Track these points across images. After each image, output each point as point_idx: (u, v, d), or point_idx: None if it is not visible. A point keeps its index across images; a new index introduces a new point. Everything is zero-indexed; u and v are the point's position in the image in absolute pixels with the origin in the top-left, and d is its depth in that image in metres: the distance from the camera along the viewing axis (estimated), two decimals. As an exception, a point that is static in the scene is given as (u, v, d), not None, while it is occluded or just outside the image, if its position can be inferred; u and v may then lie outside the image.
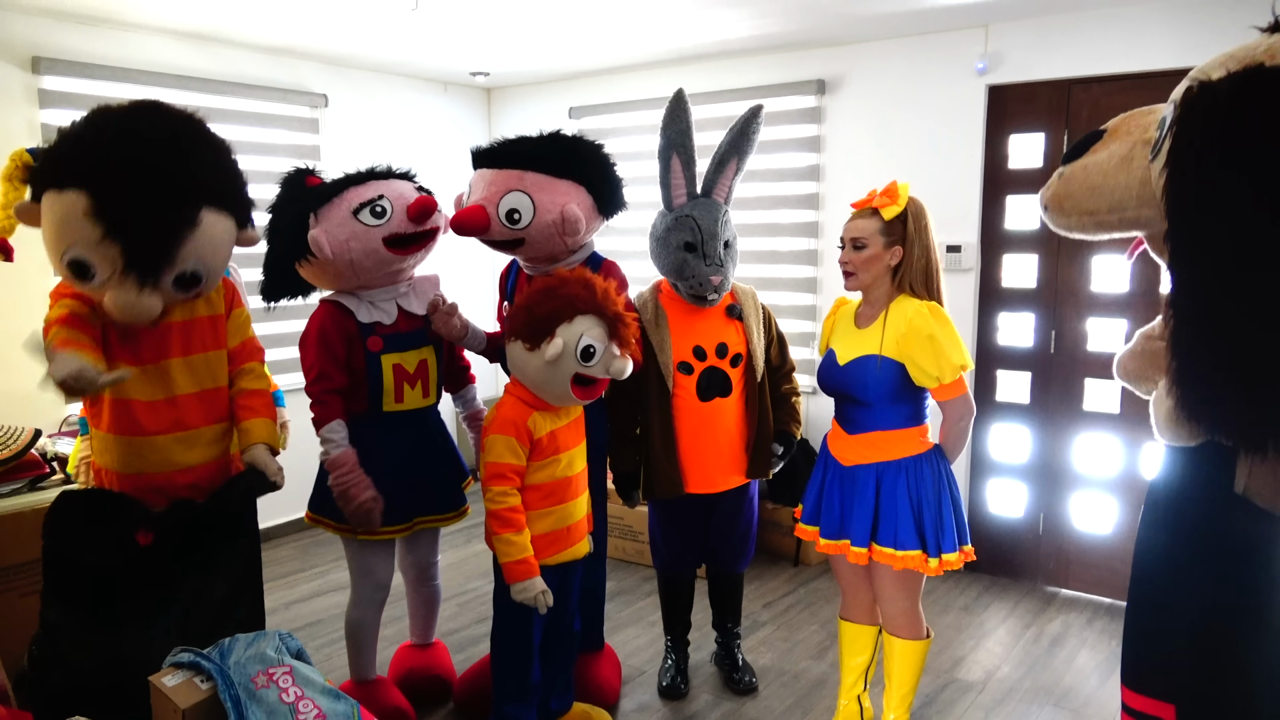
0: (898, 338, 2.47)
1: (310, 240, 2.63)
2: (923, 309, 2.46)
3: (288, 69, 4.63)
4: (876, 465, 2.53)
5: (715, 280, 2.84)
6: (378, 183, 2.75)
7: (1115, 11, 3.69)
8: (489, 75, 5.24)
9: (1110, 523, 3.99)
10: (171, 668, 2.04)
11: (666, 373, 2.92)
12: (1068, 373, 4.03)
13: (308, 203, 2.68)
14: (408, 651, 3.24)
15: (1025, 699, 3.20)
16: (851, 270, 2.54)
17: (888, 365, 2.48)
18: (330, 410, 2.69)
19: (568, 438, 2.56)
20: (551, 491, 2.52)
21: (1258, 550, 1.83)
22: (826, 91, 4.44)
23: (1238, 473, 1.84)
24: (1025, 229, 4.07)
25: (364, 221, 2.66)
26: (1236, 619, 1.85)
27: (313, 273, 2.74)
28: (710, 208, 2.89)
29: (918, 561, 2.48)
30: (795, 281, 4.64)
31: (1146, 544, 2.10)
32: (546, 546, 2.54)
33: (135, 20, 3.86)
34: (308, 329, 2.75)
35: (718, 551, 3.15)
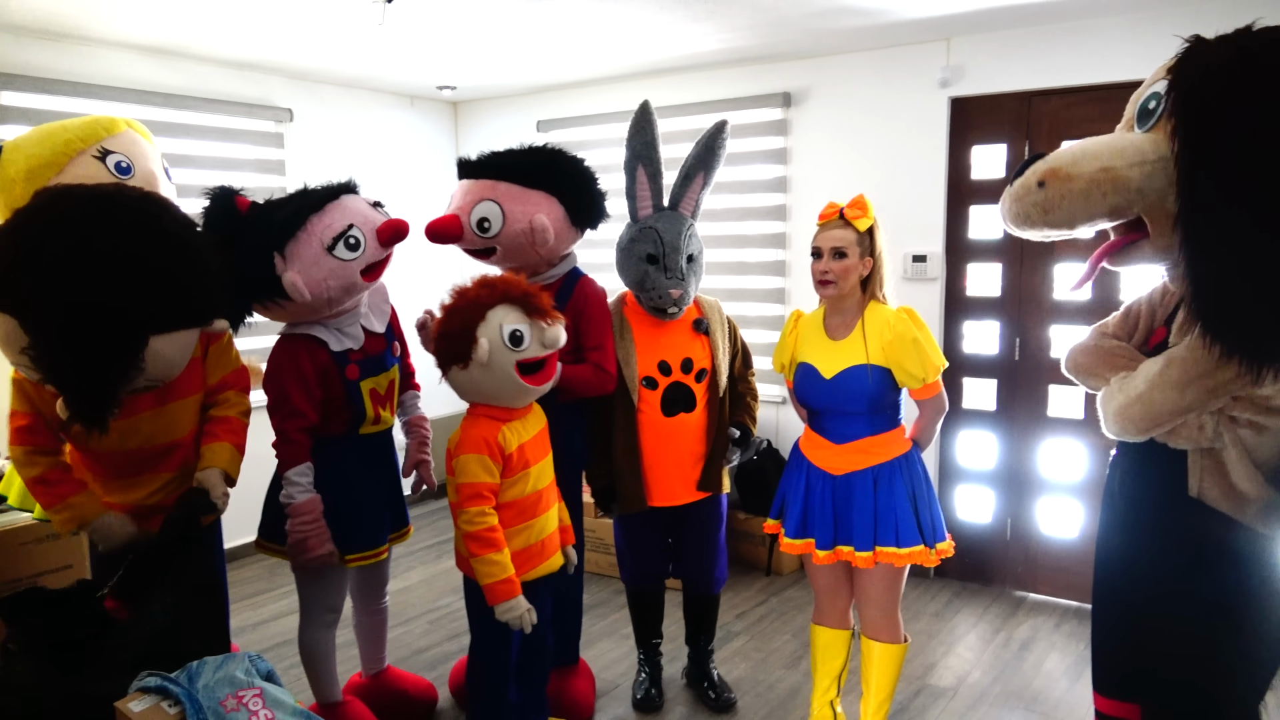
0: (883, 344, 2.52)
1: (287, 285, 2.47)
2: (903, 314, 2.55)
3: (252, 83, 4.59)
4: (873, 469, 2.56)
5: (675, 294, 2.83)
6: (335, 207, 2.59)
7: (1075, 25, 3.77)
8: (456, 89, 5.23)
9: (1076, 527, 4.04)
10: (138, 693, 2.01)
11: (631, 386, 2.90)
12: (1032, 379, 4.08)
13: (269, 240, 2.50)
14: (363, 687, 3.09)
15: (997, 703, 3.23)
16: (832, 279, 2.55)
17: (876, 373, 2.52)
18: (300, 451, 2.60)
19: (535, 451, 2.53)
20: (523, 509, 2.49)
21: (1214, 549, 1.86)
22: (792, 104, 4.49)
23: (1189, 476, 1.88)
24: (989, 238, 4.13)
25: (340, 256, 2.54)
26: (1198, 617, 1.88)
27: (274, 314, 2.62)
28: (675, 220, 2.89)
29: (922, 555, 2.54)
30: (763, 292, 4.67)
31: (1106, 548, 2.14)
32: (522, 564, 2.50)
33: (98, 35, 3.81)
34: (278, 364, 2.62)
35: (689, 569, 3.12)
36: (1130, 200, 1.80)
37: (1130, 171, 1.77)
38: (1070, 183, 1.82)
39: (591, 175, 2.92)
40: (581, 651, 3.40)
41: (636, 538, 3.09)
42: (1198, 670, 1.90)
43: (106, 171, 2.52)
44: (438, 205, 5.49)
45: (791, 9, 3.56)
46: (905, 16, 3.68)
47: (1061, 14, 3.67)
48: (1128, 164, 1.78)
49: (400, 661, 3.49)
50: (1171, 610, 1.91)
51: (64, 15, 3.49)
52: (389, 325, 2.87)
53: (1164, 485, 1.92)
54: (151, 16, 3.54)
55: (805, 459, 2.68)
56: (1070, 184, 1.82)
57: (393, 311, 2.92)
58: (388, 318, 2.87)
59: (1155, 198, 1.79)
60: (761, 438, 4.57)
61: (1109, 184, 1.79)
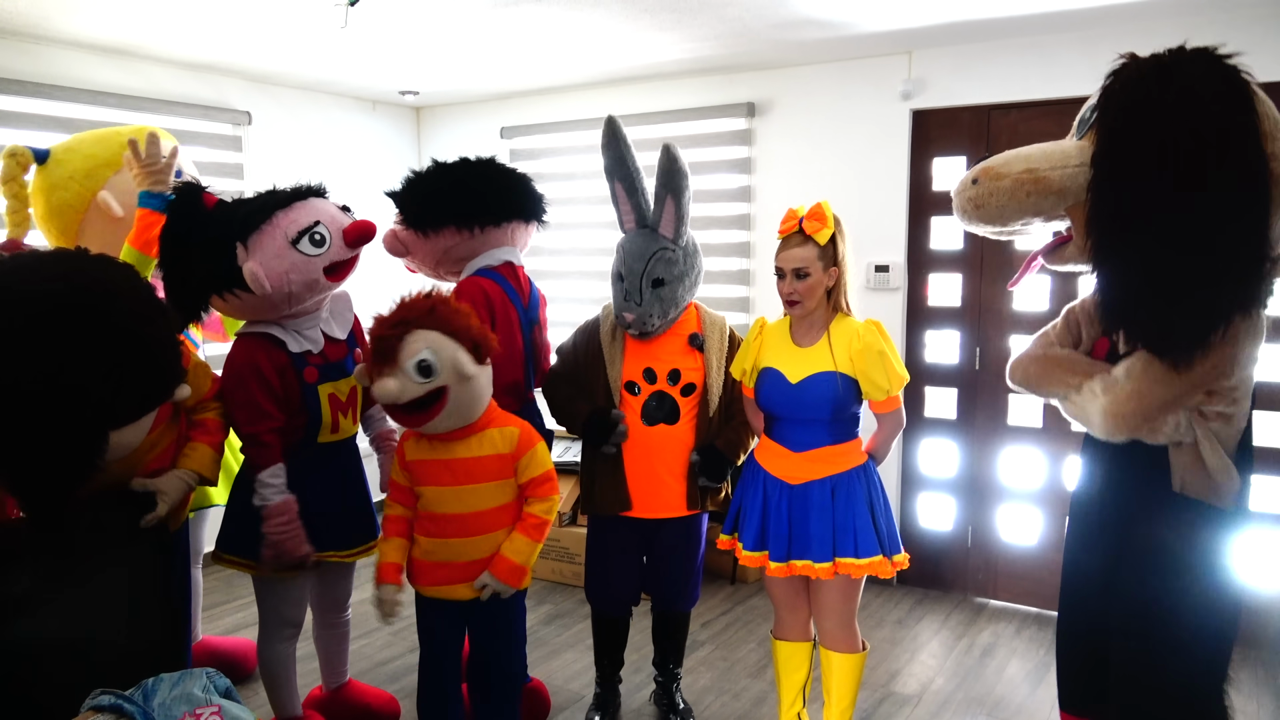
0: (850, 354, 2.52)
1: (247, 275, 2.43)
2: (871, 326, 2.55)
3: (210, 85, 4.51)
4: (831, 479, 2.56)
5: (628, 317, 2.77)
6: (303, 205, 2.58)
7: (1031, 41, 3.83)
8: (419, 94, 5.19)
9: (1035, 534, 4.10)
10: (91, 711, 1.94)
11: (615, 388, 2.84)
12: (992, 389, 4.14)
13: (231, 230, 2.47)
14: (324, 701, 3.03)
15: (960, 710, 3.25)
16: (797, 299, 2.54)
17: (844, 381, 2.53)
18: (273, 453, 2.55)
19: (431, 473, 2.45)
20: (423, 523, 2.50)
21: (1198, 548, 1.91)
22: (757, 114, 4.51)
23: (1172, 473, 1.93)
24: (950, 249, 4.19)
25: (304, 251, 2.51)
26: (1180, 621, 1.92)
27: (233, 307, 2.57)
28: (645, 241, 2.79)
29: (881, 566, 2.54)
30: (728, 301, 4.69)
31: (1077, 560, 2.16)
32: (419, 574, 2.54)
33: (52, 34, 3.71)
34: (234, 365, 2.55)
35: (659, 587, 3.01)
36: (1052, 202, 1.98)
37: (1052, 174, 1.96)
38: (998, 180, 2.01)
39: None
40: (545, 662, 3.38)
41: (609, 551, 2.95)
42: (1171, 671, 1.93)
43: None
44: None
45: (756, 20, 3.58)
46: (867, 29, 3.72)
47: (1019, 30, 3.73)
48: (1050, 166, 1.96)
49: (361, 675, 3.43)
50: (1149, 611, 1.95)
51: (15, 12, 3.40)
52: (351, 333, 2.82)
53: (1146, 486, 1.97)
54: (107, 16, 3.46)
55: (761, 469, 2.65)
56: (999, 182, 2.01)
57: (356, 320, 2.86)
58: (350, 326, 2.82)
59: (1074, 200, 1.96)
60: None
61: (1031, 184, 1.97)
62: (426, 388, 2.31)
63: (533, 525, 2.49)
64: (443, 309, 2.37)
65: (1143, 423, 1.89)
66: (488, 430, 2.47)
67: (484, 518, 2.48)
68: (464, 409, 2.40)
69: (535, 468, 2.50)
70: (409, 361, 2.29)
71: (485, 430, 2.47)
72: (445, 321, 2.34)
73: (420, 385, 2.31)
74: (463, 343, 2.34)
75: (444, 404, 2.34)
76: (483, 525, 2.48)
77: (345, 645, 3.07)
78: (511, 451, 2.48)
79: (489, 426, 2.47)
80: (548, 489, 2.52)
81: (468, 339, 2.36)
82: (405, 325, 2.32)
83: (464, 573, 2.49)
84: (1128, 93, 1.84)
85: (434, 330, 2.32)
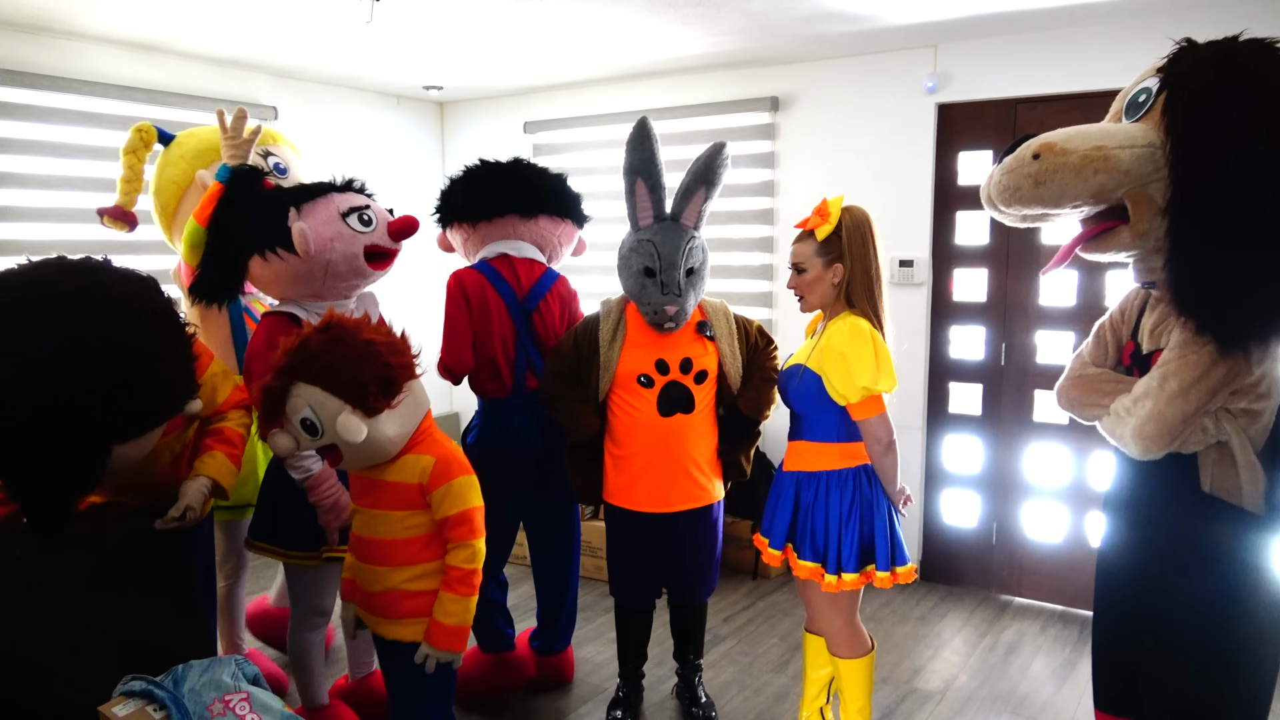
0: (819, 350, 2.49)
1: (295, 232, 2.51)
2: (844, 325, 2.45)
3: (236, 80, 4.54)
4: (797, 474, 2.57)
5: (670, 310, 2.76)
6: (356, 195, 2.70)
7: (1058, 34, 3.80)
8: (442, 89, 5.20)
9: (1061, 532, 4.07)
10: (122, 696, 1.97)
11: (603, 390, 2.86)
12: (1018, 385, 4.11)
13: (289, 196, 2.60)
14: (349, 691, 3.05)
15: (984, 707, 3.23)
16: (800, 294, 2.57)
17: (809, 376, 2.50)
18: None
19: (362, 489, 2.25)
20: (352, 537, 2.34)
21: (1230, 549, 1.89)
22: (780, 108, 4.49)
23: (1200, 474, 1.91)
24: (975, 244, 4.16)
25: (352, 226, 2.60)
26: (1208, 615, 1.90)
27: (272, 271, 2.59)
28: (674, 234, 2.80)
29: (815, 573, 2.49)
30: (750, 296, 4.68)
31: (1111, 559, 2.14)
32: (344, 589, 2.43)
33: (80, 29, 3.76)
34: (259, 345, 2.62)
35: (676, 578, 3.01)
36: (1119, 181, 1.88)
37: (1121, 153, 1.86)
38: (1065, 156, 1.89)
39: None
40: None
41: (627, 547, 2.97)
42: (1205, 673, 1.91)
43: (265, 167, 3.01)
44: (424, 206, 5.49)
45: (780, 14, 3.57)
46: (892, 23, 3.70)
47: (1046, 22, 3.70)
48: (1118, 145, 1.86)
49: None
50: (1181, 611, 1.93)
51: (45, 8, 3.44)
52: None
53: (1176, 487, 1.94)
54: (136, 12, 3.49)
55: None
56: (1065, 158, 1.89)
57: (381, 319, 2.90)
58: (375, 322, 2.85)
59: (1141, 181, 1.88)
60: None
61: (1101, 161, 1.87)
62: (318, 444, 2.10)
63: (455, 579, 2.17)
64: (330, 356, 2.05)
65: (1170, 440, 1.87)
66: (405, 456, 2.18)
67: (392, 548, 2.20)
68: (367, 457, 2.14)
69: (449, 505, 2.16)
70: (294, 418, 2.08)
71: (403, 455, 2.18)
72: (331, 373, 2.04)
73: (312, 442, 2.10)
74: (351, 398, 2.04)
75: (341, 457, 2.12)
76: (390, 556, 2.20)
77: (371, 636, 3.09)
78: (422, 483, 2.17)
79: (408, 452, 2.19)
80: (463, 533, 2.17)
81: (357, 392, 2.04)
82: (290, 375, 2.06)
83: (375, 604, 2.26)
84: (1197, 76, 1.80)
85: (317, 386, 2.04)
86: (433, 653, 2.17)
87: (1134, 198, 1.90)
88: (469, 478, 2.20)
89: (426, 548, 2.21)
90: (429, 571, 2.21)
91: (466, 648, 2.28)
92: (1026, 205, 1.98)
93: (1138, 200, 1.89)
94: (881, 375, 2.40)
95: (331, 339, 2.08)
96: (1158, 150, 1.85)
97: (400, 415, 2.14)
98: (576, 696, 3.29)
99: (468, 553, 2.17)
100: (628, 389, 2.85)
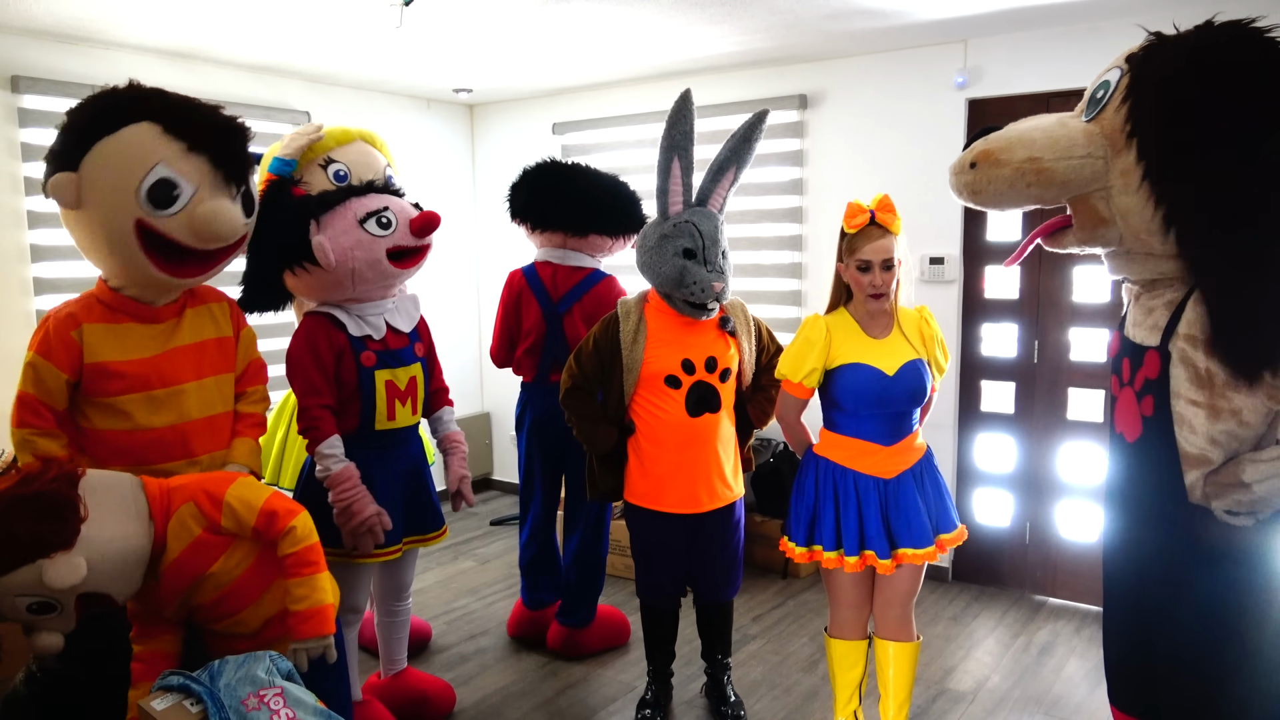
0: (923, 339, 2.59)
1: (315, 246, 2.58)
2: (925, 311, 2.65)
3: (270, 87, 4.62)
4: (914, 468, 2.59)
5: (717, 287, 2.74)
6: (377, 195, 2.74)
7: (1091, 26, 3.74)
8: (472, 92, 5.24)
9: (1096, 531, 4.01)
10: (160, 691, 2.01)
11: (628, 392, 2.85)
12: (1051, 382, 4.06)
13: (308, 208, 2.64)
14: (382, 688, 3.09)
15: (1016, 708, 3.20)
16: (885, 292, 2.50)
17: (926, 371, 2.59)
18: (327, 426, 2.66)
19: (181, 572, 2.11)
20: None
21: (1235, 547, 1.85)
22: (809, 106, 4.48)
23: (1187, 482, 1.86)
24: (1007, 240, 4.11)
25: (370, 231, 2.64)
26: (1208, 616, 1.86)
27: (303, 283, 2.68)
28: (708, 216, 2.82)
29: (958, 537, 2.64)
30: (780, 295, 4.66)
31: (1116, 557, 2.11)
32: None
33: (116, 39, 3.84)
34: (296, 344, 2.71)
35: (703, 578, 3.00)
36: (1055, 193, 1.86)
37: (1057, 165, 1.83)
38: (998, 168, 1.88)
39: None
40: (579, 662, 3.52)
41: (652, 547, 2.96)
42: (1215, 674, 1.87)
43: (327, 179, 3.08)
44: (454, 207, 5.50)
45: (807, 11, 3.55)
46: (922, 18, 3.67)
47: (1078, 15, 3.65)
48: (1056, 157, 1.82)
49: (417, 663, 3.49)
50: (1188, 611, 1.89)
51: (84, 19, 3.52)
52: (415, 330, 2.90)
53: (1176, 483, 1.90)
54: (170, 20, 3.56)
55: (839, 466, 2.57)
56: (998, 169, 1.88)
57: (422, 320, 2.97)
58: (415, 323, 2.91)
59: (1080, 191, 1.84)
60: (778, 441, 4.56)
61: (1034, 175, 1.85)
62: (70, 611, 1.95)
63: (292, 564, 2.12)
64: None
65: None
66: (167, 527, 2.06)
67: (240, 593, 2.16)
68: (130, 566, 1.99)
69: (244, 518, 2.09)
70: (20, 614, 1.91)
71: (165, 528, 2.05)
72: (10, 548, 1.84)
73: (63, 618, 1.95)
74: (30, 554, 1.84)
75: (115, 598, 2.01)
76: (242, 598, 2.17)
77: (404, 632, 3.13)
78: (206, 529, 2.09)
79: (166, 522, 2.06)
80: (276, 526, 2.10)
81: (32, 545, 1.84)
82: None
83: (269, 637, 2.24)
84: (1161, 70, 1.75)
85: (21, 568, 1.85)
86: (300, 645, 2.10)
87: (1075, 206, 1.89)
88: (235, 484, 2.12)
89: (264, 569, 2.16)
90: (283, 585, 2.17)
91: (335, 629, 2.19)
92: (977, 206, 2.00)
93: (1078, 208, 1.88)
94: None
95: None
96: (1098, 159, 1.81)
97: (103, 517, 1.95)
98: (605, 695, 3.31)
99: (291, 536, 2.10)
100: (654, 390, 2.84)
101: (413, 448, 2.90)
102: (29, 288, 3.73)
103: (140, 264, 2.29)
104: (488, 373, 5.87)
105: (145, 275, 2.31)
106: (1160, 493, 1.94)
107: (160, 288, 2.38)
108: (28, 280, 3.73)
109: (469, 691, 3.35)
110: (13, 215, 3.69)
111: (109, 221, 2.25)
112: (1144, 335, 1.92)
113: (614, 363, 2.87)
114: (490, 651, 3.69)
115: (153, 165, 2.22)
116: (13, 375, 3.64)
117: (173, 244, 2.29)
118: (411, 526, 2.89)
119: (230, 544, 2.11)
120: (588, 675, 3.47)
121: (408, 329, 2.85)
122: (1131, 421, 1.97)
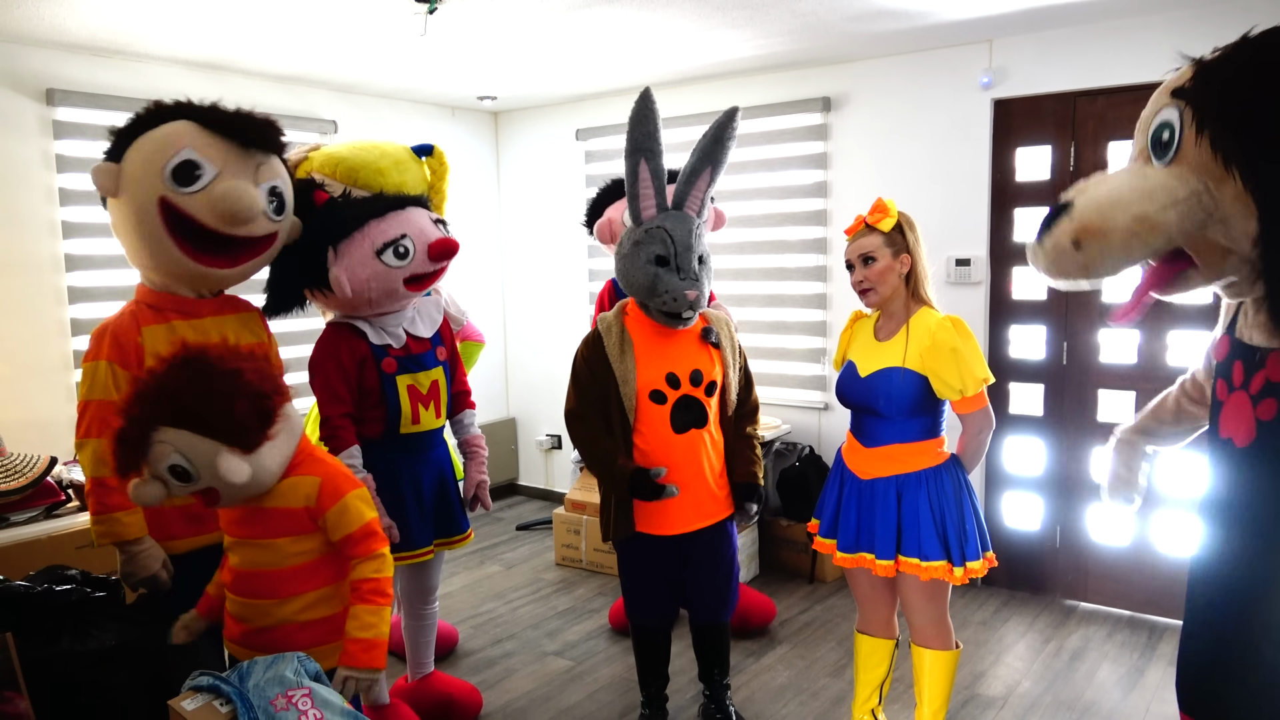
0: (921, 351, 2.48)
1: (332, 280, 2.62)
2: (946, 322, 2.50)
3: (298, 96, 4.67)
4: (896, 478, 2.53)
5: (690, 295, 2.60)
6: (397, 216, 2.69)
7: (1116, 24, 3.71)
8: (496, 99, 5.28)
9: (1128, 535, 3.95)
10: (190, 691, 2.04)
11: (629, 405, 2.71)
12: (1080, 384, 4.01)
13: (327, 234, 2.64)
14: (409, 691, 3.09)
15: (1047, 714, 3.16)
16: (868, 286, 2.54)
17: (909, 377, 2.49)
18: (348, 435, 2.68)
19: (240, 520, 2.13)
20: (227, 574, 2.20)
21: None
22: (832, 108, 4.46)
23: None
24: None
25: (386, 263, 2.64)
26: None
27: (321, 303, 2.77)
28: (682, 220, 2.67)
29: (943, 571, 2.48)
30: (804, 298, 4.65)
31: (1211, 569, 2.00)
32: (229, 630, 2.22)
33: (147, 51, 3.90)
34: (319, 353, 2.74)
35: (698, 600, 2.89)
36: (1170, 240, 1.76)
37: (1165, 215, 1.73)
38: (1106, 238, 1.77)
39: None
40: (605, 667, 3.49)
41: (641, 568, 2.85)
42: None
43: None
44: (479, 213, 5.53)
45: (830, 13, 3.55)
46: (946, 19, 3.65)
47: (1104, 13, 3.61)
48: (1160, 207, 1.73)
49: (443, 666, 3.50)
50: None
51: (114, 32, 3.58)
52: (437, 333, 2.92)
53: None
54: (200, 32, 3.62)
55: (842, 461, 2.68)
56: (1106, 239, 1.77)
57: (445, 323, 2.99)
58: (436, 326, 2.93)
59: (1195, 232, 1.75)
60: (804, 444, 4.54)
61: (1147, 232, 1.74)
62: (192, 489, 1.96)
63: (369, 591, 2.07)
64: (193, 395, 1.88)
65: None
66: (285, 480, 2.08)
67: (278, 579, 2.11)
68: (249, 493, 2.03)
69: (347, 524, 2.08)
70: (160, 465, 1.92)
71: (283, 480, 2.08)
72: (199, 415, 1.88)
73: (184, 487, 1.96)
74: (226, 438, 1.90)
75: (220, 497, 2.00)
76: (278, 588, 2.11)
77: (431, 636, 3.15)
78: (309, 506, 2.08)
79: (288, 476, 2.08)
80: (368, 546, 2.09)
81: (233, 431, 1.91)
82: (147, 421, 1.89)
83: (264, 641, 2.14)
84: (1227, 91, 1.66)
85: (184, 430, 1.89)
86: (352, 673, 2.04)
87: (1195, 248, 1.78)
88: (359, 490, 2.13)
89: (315, 574, 2.13)
90: (321, 598, 2.14)
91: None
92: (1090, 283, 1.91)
93: (1199, 249, 1.78)
94: (986, 366, 2.51)
95: (191, 375, 1.92)
96: (1204, 195, 1.71)
97: (279, 444, 2.02)
98: (631, 700, 3.29)
99: (377, 563, 2.08)
100: (640, 405, 2.73)
101: (438, 451, 2.92)
102: (64, 296, 3.80)
103: (167, 248, 2.32)
104: (513, 378, 5.90)
105: (172, 260, 2.34)
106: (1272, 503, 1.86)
107: (191, 278, 2.41)
108: (62, 289, 3.79)
109: (495, 695, 3.36)
110: (48, 225, 3.76)
111: (135, 200, 2.31)
112: (1264, 338, 1.86)
113: (608, 378, 2.74)
114: (516, 656, 3.69)
115: (180, 149, 2.30)
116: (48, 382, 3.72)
117: (196, 226, 2.31)
118: (440, 529, 2.91)
119: (308, 533, 2.09)
120: (613, 680, 3.46)
121: (429, 334, 2.88)
122: (1244, 426, 1.88)
